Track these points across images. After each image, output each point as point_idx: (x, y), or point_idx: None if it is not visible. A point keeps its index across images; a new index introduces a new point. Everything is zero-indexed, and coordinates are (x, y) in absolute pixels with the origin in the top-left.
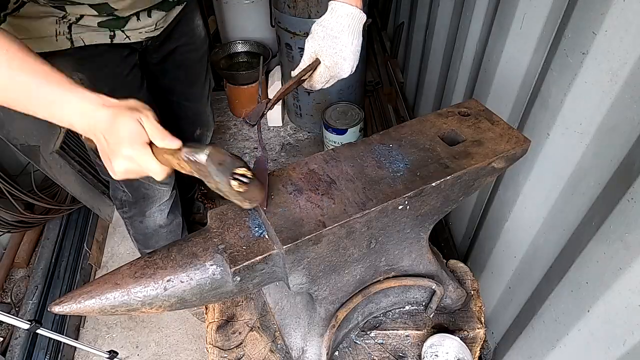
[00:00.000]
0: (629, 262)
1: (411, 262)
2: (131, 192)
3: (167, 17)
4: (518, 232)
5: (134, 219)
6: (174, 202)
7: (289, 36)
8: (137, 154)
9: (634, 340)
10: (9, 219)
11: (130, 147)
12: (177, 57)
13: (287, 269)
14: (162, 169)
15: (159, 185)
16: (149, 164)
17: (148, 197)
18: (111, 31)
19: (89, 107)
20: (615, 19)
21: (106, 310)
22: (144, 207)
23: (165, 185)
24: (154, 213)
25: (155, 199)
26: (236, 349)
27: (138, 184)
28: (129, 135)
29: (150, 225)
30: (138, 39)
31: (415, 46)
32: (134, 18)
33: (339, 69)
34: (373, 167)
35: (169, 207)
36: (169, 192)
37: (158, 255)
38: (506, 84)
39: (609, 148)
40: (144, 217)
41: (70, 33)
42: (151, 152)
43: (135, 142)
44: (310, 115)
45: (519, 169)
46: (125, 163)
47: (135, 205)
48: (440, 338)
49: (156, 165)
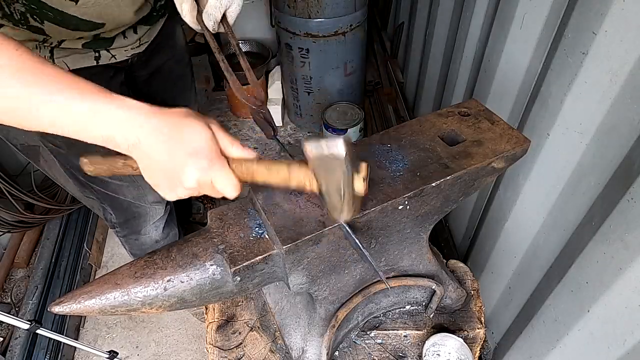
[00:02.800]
0: (629, 262)
1: (411, 262)
2: (120, 213)
3: (151, 31)
4: (518, 232)
5: (128, 237)
6: (169, 215)
7: (289, 36)
8: (215, 165)
9: (634, 340)
10: (9, 219)
11: (206, 157)
12: (164, 71)
13: (287, 269)
14: (238, 184)
15: (151, 204)
16: (227, 178)
17: (140, 216)
18: (96, 52)
19: (137, 114)
20: (615, 19)
21: (106, 311)
22: (136, 226)
23: (157, 203)
24: (148, 231)
25: (148, 217)
26: (236, 349)
27: (127, 204)
28: (205, 143)
29: (147, 242)
30: (124, 57)
31: (415, 46)
32: (120, 36)
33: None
34: (373, 167)
35: (163, 222)
36: (163, 209)
37: (158, 255)
38: (506, 84)
39: (609, 148)
40: (139, 235)
41: (52, 57)
42: (228, 164)
43: (211, 150)
44: (310, 115)
45: (519, 169)
46: (199, 175)
47: (126, 225)
48: (442, 338)
49: (233, 179)
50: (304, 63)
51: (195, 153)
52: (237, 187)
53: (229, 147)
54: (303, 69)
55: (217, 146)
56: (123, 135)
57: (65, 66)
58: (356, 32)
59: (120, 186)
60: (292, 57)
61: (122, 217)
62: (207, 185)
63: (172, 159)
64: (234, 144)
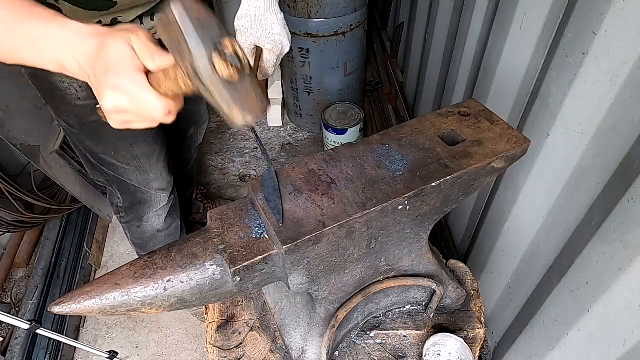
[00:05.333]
0: (629, 262)
1: (411, 262)
2: (127, 197)
3: None
4: (518, 232)
5: (131, 223)
6: (172, 205)
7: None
8: (127, 81)
9: (634, 340)
10: (9, 219)
11: (116, 74)
12: None
13: (287, 269)
14: (161, 101)
15: (156, 191)
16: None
17: (144, 202)
18: None
19: (76, 39)
20: (615, 19)
21: (106, 311)
22: (140, 212)
23: (162, 190)
24: (151, 218)
25: (152, 204)
26: (236, 349)
27: (134, 189)
28: (116, 59)
29: (148, 230)
30: None
31: (415, 46)
32: (137, 22)
33: (280, 46)
34: (373, 167)
35: (166, 212)
36: (167, 197)
37: (158, 255)
38: (506, 84)
39: (609, 148)
40: (141, 221)
41: None
42: (145, 79)
43: (124, 66)
44: (310, 115)
45: (519, 169)
46: (113, 97)
47: (131, 210)
48: (443, 338)
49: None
50: (304, 63)
51: (106, 70)
52: (161, 103)
53: (145, 59)
54: (303, 69)
55: (132, 61)
56: (69, 62)
57: None
58: (356, 32)
59: (127, 170)
60: (292, 57)
61: (128, 201)
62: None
63: (96, 79)
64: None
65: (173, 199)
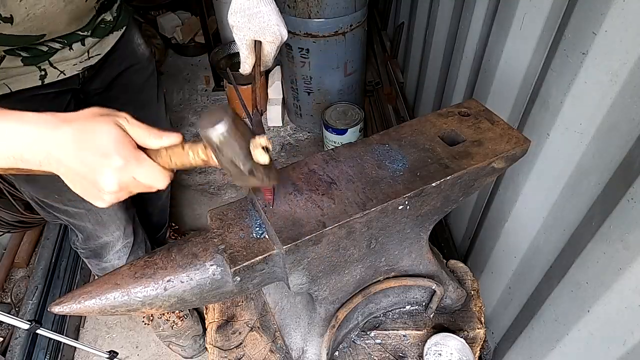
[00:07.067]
0: (629, 262)
1: (411, 262)
2: (84, 237)
3: (102, 44)
4: (518, 232)
5: (90, 260)
6: (135, 245)
7: (289, 36)
8: (132, 161)
9: (634, 340)
10: (9, 219)
11: (119, 155)
12: (122, 82)
13: (287, 269)
14: (166, 173)
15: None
16: (148, 170)
17: (104, 245)
18: (41, 70)
19: (44, 129)
20: (615, 19)
21: (106, 311)
22: (99, 253)
23: (121, 233)
24: (111, 259)
25: (110, 246)
26: (236, 349)
27: (90, 230)
28: (115, 142)
29: (109, 269)
30: (74, 71)
31: (415, 46)
32: (65, 49)
33: (280, 36)
34: (373, 167)
35: (128, 253)
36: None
37: (158, 255)
38: (506, 84)
39: (609, 148)
40: (101, 261)
41: None
42: (146, 156)
43: (124, 147)
44: (310, 115)
45: (519, 169)
46: (117, 176)
47: (90, 249)
48: (444, 338)
49: (157, 169)
50: (304, 63)
51: (106, 154)
52: (165, 176)
53: (145, 139)
54: (303, 69)
55: (129, 141)
56: (31, 152)
57: (7, 88)
58: (356, 32)
59: (78, 213)
60: (292, 57)
61: (85, 242)
62: (132, 183)
63: (85, 166)
64: (151, 133)
65: (134, 241)
